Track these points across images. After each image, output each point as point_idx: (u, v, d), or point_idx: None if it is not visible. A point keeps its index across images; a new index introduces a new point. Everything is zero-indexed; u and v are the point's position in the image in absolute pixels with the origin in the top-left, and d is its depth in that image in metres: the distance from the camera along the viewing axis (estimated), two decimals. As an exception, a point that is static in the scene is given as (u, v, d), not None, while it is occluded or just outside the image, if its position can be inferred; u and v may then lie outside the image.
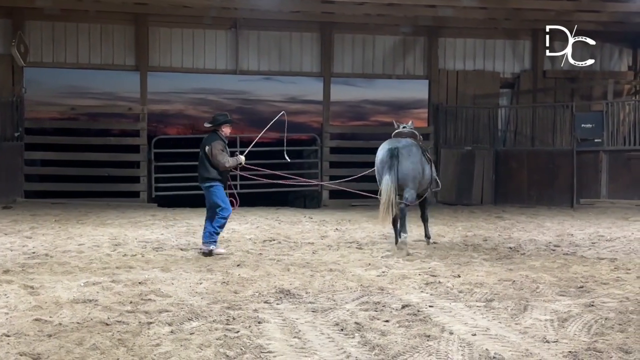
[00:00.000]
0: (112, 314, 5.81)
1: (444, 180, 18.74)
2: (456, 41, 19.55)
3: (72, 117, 19.54)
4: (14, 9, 17.18)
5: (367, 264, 8.67)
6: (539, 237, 11.62)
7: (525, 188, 18.16)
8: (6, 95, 17.14)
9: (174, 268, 8.14)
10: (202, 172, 9.45)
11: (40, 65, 17.69)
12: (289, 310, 6.08)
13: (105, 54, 17.85)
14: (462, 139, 19.18)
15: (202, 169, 9.43)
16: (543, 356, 4.79)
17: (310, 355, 4.81)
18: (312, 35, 18.83)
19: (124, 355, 4.72)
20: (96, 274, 7.70)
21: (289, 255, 9.37)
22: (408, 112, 22.66)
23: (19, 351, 4.73)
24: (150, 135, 18.31)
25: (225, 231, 11.90)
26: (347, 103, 21.68)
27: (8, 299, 6.32)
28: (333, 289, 7.01)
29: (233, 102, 23.09)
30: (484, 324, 5.68)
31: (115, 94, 20.52)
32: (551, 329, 5.52)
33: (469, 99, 19.42)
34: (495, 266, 8.58)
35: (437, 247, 10.27)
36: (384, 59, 19.27)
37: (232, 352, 4.77)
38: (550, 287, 7.18)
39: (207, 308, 6.07)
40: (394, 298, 6.61)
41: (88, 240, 10.51)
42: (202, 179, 9.47)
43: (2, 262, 8.36)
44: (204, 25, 18.20)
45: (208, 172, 9.39)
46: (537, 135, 19.18)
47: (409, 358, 4.74)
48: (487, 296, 6.73)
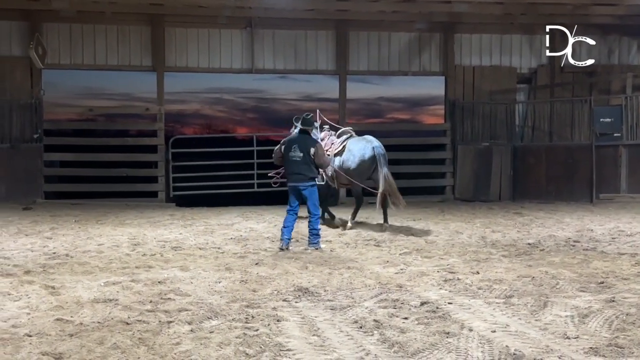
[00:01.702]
0: (132, 313, 5.85)
1: (462, 176, 18.75)
2: (472, 37, 19.44)
3: (90, 118, 19.66)
4: (32, 12, 17.34)
5: (385, 261, 8.66)
6: (558, 232, 11.54)
7: (543, 184, 18.01)
8: (25, 97, 17.30)
9: (193, 267, 8.18)
10: (306, 172, 9.82)
11: (58, 67, 17.81)
12: (307, 308, 6.09)
13: (122, 54, 17.96)
14: (479, 135, 19.08)
15: (306, 169, 9.81)
16: (564, 352, 4.76)
17: (329, 352, 4.81)
18: (327, 33, 18.82)
19: (145, 354, 4.76)
20: (116, 273, 7.76)
21: (307, 253, 9.38)
22: (424, 108, 22.56)
23: (41, 351, 4.78)
24: (168, 135, 18.39)
25: (243, 230, 11.97)
26: (362, 101, 21.61)
27: (30, 299, 6.38)
28: (351, 287, 7.02)
29: (248, 101, 23.10)
30: (503, 320, 5.66)
31: (132, 95, 20.62)
32: (572, 325, 5.49)
33: (485, 95, 19.31)
34: (515, 262, 8.53)
35: (455, 244, 10.23)
36: (399, 55, 19.21)
37: (252, 351, 4.79)
38: (570, 283, 7.14)
39: (226, 307, 6.09)
40: (413, 295, 6.60)
41: (107, 240, 10.58)
42: (306, 178, 9.85)
43: (23, 262, 8.45)
44: (219, 24, 18.24)
45: (312, 172, 9.96)
46: (555, 130, 19.04)
47: (429, 355, 4.74)
48: (506, 293, 6.70)
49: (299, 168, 9.80)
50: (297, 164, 9.79)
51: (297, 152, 9.78)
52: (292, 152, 9.80)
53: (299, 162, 9.78)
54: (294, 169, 9.85)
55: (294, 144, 9.89)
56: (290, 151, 9.82)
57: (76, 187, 17.78)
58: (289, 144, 9.93)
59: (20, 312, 5.89)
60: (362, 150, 12.05)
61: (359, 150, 12.09)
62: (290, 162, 9.85)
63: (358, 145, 12.25)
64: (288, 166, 9.96)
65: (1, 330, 5.29)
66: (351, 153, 12.20)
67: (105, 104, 20.19)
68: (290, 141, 10.04)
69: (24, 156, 17.03)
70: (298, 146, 9.83)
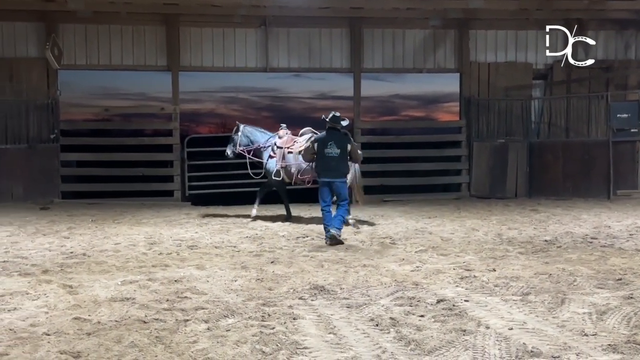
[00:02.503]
0: (149, 311, 5.89)
1: (477, 173, 18.67)
2: (487, 33, 19.32)
3: (105, 118, 19.79)
4: (47, 13, 17.46)
5: (401, 259, 8.65)
6: (575, 229, 11.46)
7: (560, 180, 17.89)
8: (41, 97, 17.43)
9: (209, 266, 8.21)
10: (342, 168, 10.36)
11: (74, 68, 17.91)
12: (323, 306, 6.09)
13: (137, 54, 18.05)
14: (495, 132, 18.97)
15: (343, 165, 10.33)
16: (582, 349, 4.73)
17: (345, 350, 4.81)
18: (342, 31, 18.79)
19: (162, 352, 4.78)
20: (133, 272, 7.80)
21: (322, 251, 9.38)
22: (439, 106, 22.50)
23: (59, 349, 4.82)
24: (183, 134, 18.46)
25: (258, 228, 12.00)
26: (376, 98, 21.58)
27: (48, 299, 6.44)
28: (367, 285, 7.01)
29: (263, 99, 23.14)
30: (520, 318, 5.63)
31: (147, 94, 20.73)
32: (589, 322, 5.45)
33: (501, 91, 19.18)
34: (531, 259, 8.49)
35: (472, 241, 10.19)
36: (414, 53, 19.15)
37: (268, 349, 4.80)
38: (587, 280, 7.09)
39: (242, 305, 6.11)
40: (429, 293, 6.58)
41: (124, 239, 10.64)
42: (341, 174, 10.35)
43: (41, 262, 8.52)
44: (233, 24, 18.27)
45: (347, 168, 10.55)
46: (572, 126, 18.89)
47: (445, 353, 4.72)
48: (523, 290, 6.67)
49: (336, 164, 10.20)
50: (334, 160, 10.18)
51: (333, 148, 10.17)
52: (328, 149, 10.18)
53: (336, 158, 10.17)
54: (330, 165, 10.21)
55: (330, 141, 10.22)
56: (326, 148, 10.19)
57: (93, 187, 17.89)
58: (323, 141, 10.24)
59: (39, 311, 5.94)
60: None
61: None
62: (325, 158, 10.21)
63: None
64: (323, 162, 10.30)
65: (20, 329, 5.34)
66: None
67: (120, 104, 20.34)
68: (324, 138, 10.32)
69: (41, 156, 17.16)
70: (334, 143, 10.20)
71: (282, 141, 13.17)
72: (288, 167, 12.89)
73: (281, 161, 12.96)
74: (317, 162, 10.51)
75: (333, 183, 10.24)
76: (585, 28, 19.12)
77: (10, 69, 17.33)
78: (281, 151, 13.02)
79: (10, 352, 4.77)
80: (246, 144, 13.54)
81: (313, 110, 22.78)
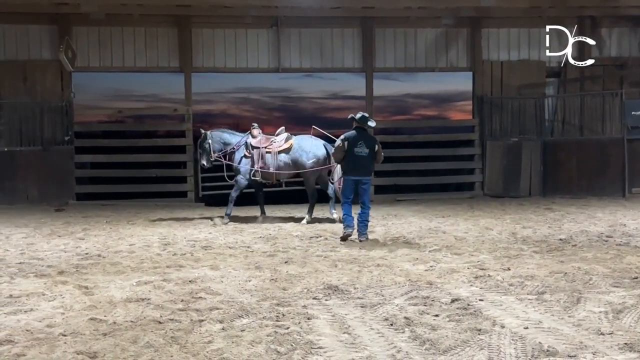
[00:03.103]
0: (164, 312, 5.91)
1: (491, 172, 18.59)
2: (499, 31, 19.24)
3: (119, 119, 19.89)
4: (61, 16, 17.57)
5: (415, 258, 8.62)
6: (590, 228, 11.39)
7: (574, 178, 17.79)
8: (56, 100, 17.55)
9: (223, 266, 8.23)
10: (370, 167, 10.69)
11: (88, 70, 18.02)
12: (337, 306, 6.09)
13: (150, 56, 18.12)
14: (508, 131, 18.88)
15: (371, 164, 10.62)
16: (598, 348, 4.70)
17: (360, 350, 4.81)
18: (353, 31, 18.78)
19: (177, 352, 4.80)
20: (147, 273, 7.83)
21: (336, 251, 9.38)
22: (451, 105, 22.41)
23: (75, 350, 4.84)
24: (196, 135, 18.47)
25: (272, 228, 12.01)
26: (388, 98, 21.53)
27: (64, 299, 6.47)
28: (381, 284, 7.00)
29: (275, 100, 23.15)
30: (536, 317, 5.60)
31: (160, 96, 20.81)
32: (605, 321, 5.42)
33: (514, 90, 19.09)
34: (546, 258, 8.45)
35: (486, 241, 10.15)
36: (426, 52, 19.10)
37: (283, 349, 4.80)
38: (603, 279, 7.05)
39: (256, 305, 6.12)
40: (443, 292, 6.56)
41: (138, 240, 10.69)
42: (369, 173, 10.68)
43: (56, 263, 8.57)
44: (245, 24, 18.31)
45: (373, 167, 10.85)
46: (586, 124, 18.75)
47: (460, 352, 4.71)
48: (538, 289, 6.64)
49: (366, 163, 10.48)
50: (363, 159, 10.42)
51: (363, 148, 10.38)
52: (358, 148, 10.37)
53: (365, 157, 10.42)
54: (359, 164, 10.45)
55: (359, 140, 10.42)
56: (356, 147, 10.37)
57: (107, 188, 17.98)
58: (353, 140, 10.43)
59: (55, 312, 5.98)
60: (316, 148, 12.91)
61: (312, 148, 12.93)
62: (356, 157, 10.40)
63: (308, 142, 13.07)
64: (352, 161, 10.46)
65: (36, 330, 5.38)
66: (303, 150, 12.93)
67: (134, 106, 20.45)
68: (354, 137, 10.47)
69: (55, 158, 17.27)
70: (364, 143, 10.42)
71: (257, 141, 13.04)
72: (266, 167, 12.83)
73: (259, 161, 12.85)
74: (346, 161, 10.60)
75: (361, 181, 10.45)
76: (598, 25, 19.04)
77: (25, 72, 17.47)
78: (258, 151, 12.87)
79: (28, 352, 4.81)
80: (219, 149, 13.21)
81: (325, 111, 22.80)
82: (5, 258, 8.99)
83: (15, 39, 17.62)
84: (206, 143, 13.21)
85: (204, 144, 13.27)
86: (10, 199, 16.48)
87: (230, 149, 13.15)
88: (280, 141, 12.99)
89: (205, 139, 13.28)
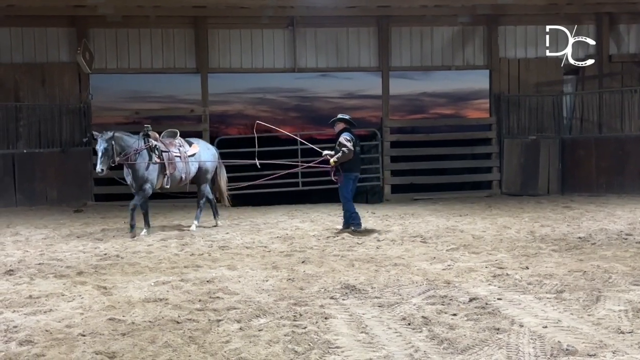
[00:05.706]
0: (182, 312, 5.93)
1: (508, 170, 18.48)
2: (516, 29, 19.12)
3: (136, 120, 19.97)
4: (78, 18, 17.70)
5: (432, 257, 8.60)
6: (609, 226, 11.28)
7: (593, 176, 17.64)
8: (74, 102, 17.68)
9: (240, 266, 8.25)
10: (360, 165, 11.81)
11: (105, 72, 18.14)
12: (355, 306, 6.08)
13: (166, 57, 18.21)
14: (526, 129, 18.75)
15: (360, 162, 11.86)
16: (618, 347, 4.66)
17: (378, 350, 4.80)
18: (369, 30, 18.74)
19: (195, 352, 4.82)
20: (165, 273, 7.87)
21: (353, 250, 9.37)
22: (468, 103, 22.35)
23: (94, 350, 4.88)
24: (212, 136, 18.57)
25: (289, 228, 12.02)
26: (404, 97, 21.53)
27: (83, 300, 6.52)
28: (398, 284, 6.98)
29: (291, 100, 23.23)
30: (555, 315, 5.56)
31: (177, 97, 20.94)
32: (625, 320, 5.36)
33: (531, 88, 18.97)
34: (565, 257, 8.38)
35: (504, 239, 10.09)
36: (442, 50, 19.01)
37: (301, 348, 4.81)
38: (623, 277, 6.98)
39: (274, 305, 6.13)
40: (461, 291, 6.53)
41: (156, 240, 10.73)
42: (360, 170, 11.84)
43: (75, 264, 8.64)
44: (261, 25, 18.34)
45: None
46: (605, 121, 18.58)
47: (479, 351, 4.68)
48: (557, 288, 6.59)
49: (360, 159, 11.66)
50: (358, 155, 11.37)
51: (357, 146, 11.31)
52: (357, 147, 11.27)
53: (359, 154, 11.52)
54: (358, 162, 11.45)
55: (356, 139, 11.31)
56: (357, 146, 11.27)
57: (125, 189, 18.01)
58: (355, 141, 11.21)
59: (74, 313, 6.02)
60: (212, 152, 12.93)
61: (210, 151, 12.91)
62: (356, 154, 11.21)
63: (205, 146, 13.08)
64: (355, 159, 11.19)
65: (56, 330, 5.42)
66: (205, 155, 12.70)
67: (151, 107, 20.59)
68: (355, 138, 11.28)
69: (74, 160, 17.40)
70: (357, 141, 11.40)
71: (164, 144, 11.83)
72: (176, 172, 11.80)
73: (169, 167, 11.62)
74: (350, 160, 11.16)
75: (357, 177, 11.45)
76: (616, 22, 18.85)
77: (43, 74, 17.62)
78: (168, 155, 11.68)
79: (47, 353, 4.85)
80: (120, 152, 11.23)
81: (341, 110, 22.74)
82: (25, 259, 9.07)
83: (33, 42, 17.77)
84: (107, 144, 11.03)
85: (107, 147, 11.02)
86: (30, 200, 16.64)
87: (133, 151, 11.30)
88: (183, 145, 12.21)
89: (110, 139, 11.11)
